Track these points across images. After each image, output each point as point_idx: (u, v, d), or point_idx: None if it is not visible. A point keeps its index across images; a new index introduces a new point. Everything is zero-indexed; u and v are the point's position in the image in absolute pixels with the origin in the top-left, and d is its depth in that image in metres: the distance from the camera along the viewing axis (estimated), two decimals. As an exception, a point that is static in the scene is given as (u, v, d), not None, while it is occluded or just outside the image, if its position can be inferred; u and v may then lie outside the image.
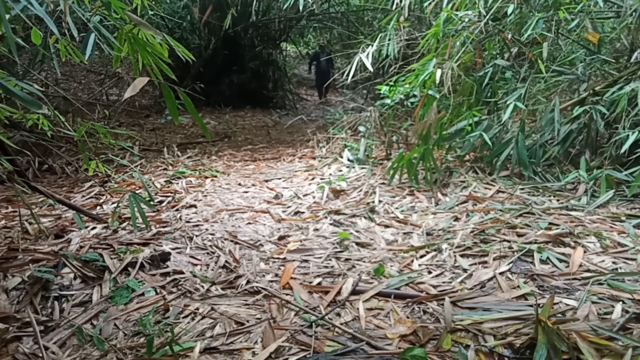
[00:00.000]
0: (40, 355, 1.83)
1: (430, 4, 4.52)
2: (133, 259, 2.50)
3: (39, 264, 2.45)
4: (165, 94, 1.74)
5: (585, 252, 2.48)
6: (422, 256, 2.60)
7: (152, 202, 3.49)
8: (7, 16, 1.55)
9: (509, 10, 3.81)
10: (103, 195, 3.88)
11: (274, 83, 10.15)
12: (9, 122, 4.30)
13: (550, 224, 2.85)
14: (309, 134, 6.45)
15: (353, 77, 4.38)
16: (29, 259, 2.50)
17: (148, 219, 2.90)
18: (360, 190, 3.84)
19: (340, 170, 4.52)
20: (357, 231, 3.02)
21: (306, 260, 2.61)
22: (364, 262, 2.57)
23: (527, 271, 2.33)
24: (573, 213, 3.02)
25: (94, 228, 3.05)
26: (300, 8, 6.14)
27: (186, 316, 2.07)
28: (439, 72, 3.73)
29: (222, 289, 2.30)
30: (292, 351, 1.78)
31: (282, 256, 2.67)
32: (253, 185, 4.32)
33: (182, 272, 2.46)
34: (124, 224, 3.12)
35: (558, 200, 3.32)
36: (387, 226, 3.09)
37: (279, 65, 10.19)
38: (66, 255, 2.50)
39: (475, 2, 3.98)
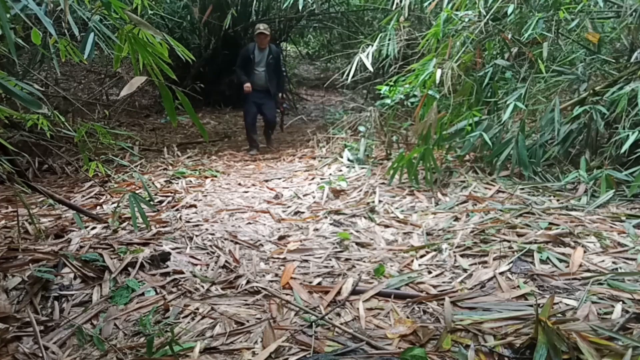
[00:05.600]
0: (40, 355, 1.83)
1: (430, 4, 4.52)
2: (133, 259, 2.50)
3: (39, 264, 2.45)
4: (163, 95, 1.74)
5: (585, 252, 2.48)
6: (422, 256, 2.60)
7: (152, 202, 3.49)
8: (7, 15, 1.55)
9: (509, 10, 3.81)
10: (103, 195, 3.88)
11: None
12: (9, 122, 4.30)
13: (550, 224, 2.85)
14: (309, 134, 6.45)
15: (353, 77, 4.38)
16: (29, 259, 2.50)
17: (148, 219, 2.90)
18: (360, 190, 3.84)
19: (340, 170, 4.52)
20: (357, 231, 3.02)
21: (306, 260, 2.61)
22: (364, 262, 2.57)
23: (527, 271, 2.33)
24: (573, 213, 3.02)
25: (94, 228, 3.05)
26: (300, 8, 6.13)
27: (186, 316, 2.07)
28: (439, 72, 3.73)
29: (222, 289, 2.30)
30: (292, 351, 1.78)
31: (282, 256, 2.67)
32: (253, 185, 4.32)
33: (182, 272, 2.46)
34: (124, 224, 3.12)
35: (558, 200, 3.32)
36: (387, 226, 3.09)
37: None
38: (66, 255, 2.50)
39: (475, 2, 3.98)
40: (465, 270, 2.40)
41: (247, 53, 5.87)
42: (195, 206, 3.61)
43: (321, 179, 4.30)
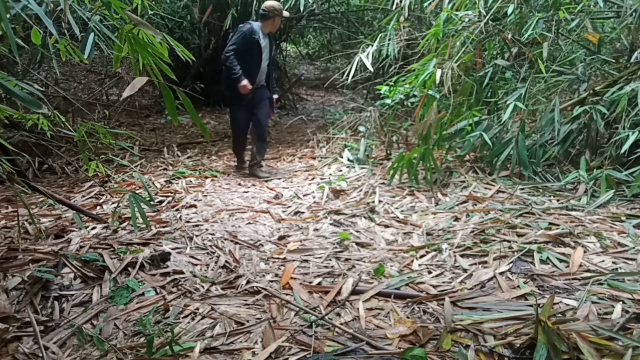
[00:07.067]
0: (40, 355, 1.83)
1: (430, 4, 4.52)
2: (133, 259, 2.50)
3: (39, 264, 2.45)
4: (164, 95, 1.74)
5: (585, 252, 2.48)
6: (422, 256, 2.60)
7: (152, 202, 3.49)
8: (7, 15, 1.55)
9: (509, 10, 3.81)
10: (103, 195, 3.88)
11: (274, 83, 10.07)
12: (9, 122, 4.30)
13: (550, 224, 2.85)
14: (309, 134, 6.44)
15: (353, 77, 4.38)
16: (29, 259, 2.50)
17: (148, 219, 2.90)
18: (360, 190, 3.84)
19: (340, 170, 4.52)
20: (357, 231, 3.02)
21: (306, 260, 2.61)
22: (364, 262, 2.57)
23: (527, 271, 2.33)
24: (573, 213, 3.02)
25: (94, 228, 3.05)
26: (301, 8, 6.13)
27: (186, 316, 2.07)
28: (439, 72, 3.73)
29: (222, 289, 2.30)
30: (292, 351, 1.78)
31: (282, 256, 2.67)
32: (253, 185, 4.32)
33: (182, 272, 2.46)
34: (124, 224, 3.12)
35: (558, 200, 3.32)
36: (387, 226, 3.09)
37: (279, 65, 10.15)
38: (66, 255, 2.50)
39: (475, 2, 3.99)
40: (465, 270, 2.40)
41: (253, 35, 4.27)
42: (195, 206, 3.61)
43: (321, 179, 4.30)
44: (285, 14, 4.47)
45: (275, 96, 4.83)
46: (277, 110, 5.20)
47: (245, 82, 4.30)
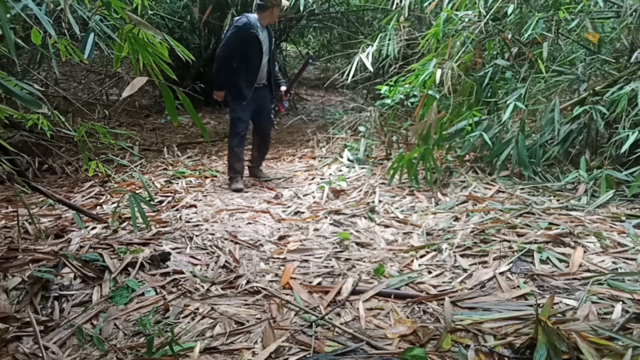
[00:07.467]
0: (40, 355, 1.83)
1: (430, 4, 4.52)
2: (133, 259, 2.50)
3: (39, 264, 2.45)
4: (164, 95, 1.74)
5: (585, 252, 2.48)
6: (422, 256, 2.60)
7: (152, 202, 3.49)
8: (7, 16, 1.55)
9: (509, 10, 3.81)
10: (103, 195, 3.88)
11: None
12: (9, 122, 4.30)
13: (550, 224, 2.85)
14: (309, 134, 6.44)
15: (353, 77, 4.38)
16: (29, 259, 2.50)
17: (148, 219, 2.90)
18: (360, 190, 3.84)
19: (340, 170, 4.52)
20: (357, 231, 3.02)
21: (306, 260, 2.61)
22: (364, 262, 2.57)
23: (527, 271, 2.33)
24: (573, 213, 3.02)
25: (94, 228, 3.05)
26: (301, 8, 6.13)
27: (186, 316, 2.07)
28: (439, 72, 3.73)
29: (222, 289, 2.30)
30: (292, 351, 1.78)
31: (282, 256, 2.67)
32: (253, 185, 4.32)
33: (182, 272, 2.46)
34: (124, 224, 3.12)
35: (558, 200, 3.32)
36: (387, 226, 3.09)
37: (279, 65, 10.09)
38: (66, 255, 2.50)
39: (475, 2, 3.99)
40: (465, 270, 2.40)
41: (250, 30, 3.89)
42: (195, 206, 3.61)
43: (321, 179, 4.30)
44: (285, 3, 4.09)
45: (283, 88, 4.42)
46: (287, 104, 4.72)
47: (221, 93, 4.27)
